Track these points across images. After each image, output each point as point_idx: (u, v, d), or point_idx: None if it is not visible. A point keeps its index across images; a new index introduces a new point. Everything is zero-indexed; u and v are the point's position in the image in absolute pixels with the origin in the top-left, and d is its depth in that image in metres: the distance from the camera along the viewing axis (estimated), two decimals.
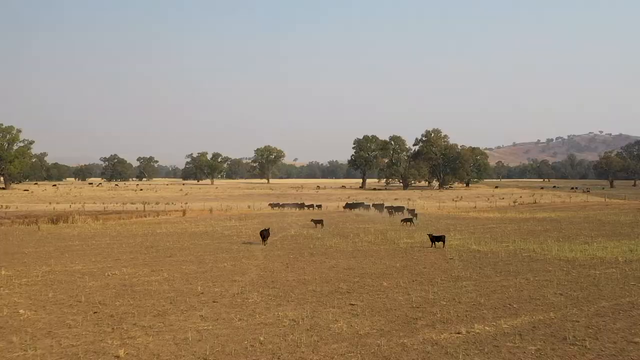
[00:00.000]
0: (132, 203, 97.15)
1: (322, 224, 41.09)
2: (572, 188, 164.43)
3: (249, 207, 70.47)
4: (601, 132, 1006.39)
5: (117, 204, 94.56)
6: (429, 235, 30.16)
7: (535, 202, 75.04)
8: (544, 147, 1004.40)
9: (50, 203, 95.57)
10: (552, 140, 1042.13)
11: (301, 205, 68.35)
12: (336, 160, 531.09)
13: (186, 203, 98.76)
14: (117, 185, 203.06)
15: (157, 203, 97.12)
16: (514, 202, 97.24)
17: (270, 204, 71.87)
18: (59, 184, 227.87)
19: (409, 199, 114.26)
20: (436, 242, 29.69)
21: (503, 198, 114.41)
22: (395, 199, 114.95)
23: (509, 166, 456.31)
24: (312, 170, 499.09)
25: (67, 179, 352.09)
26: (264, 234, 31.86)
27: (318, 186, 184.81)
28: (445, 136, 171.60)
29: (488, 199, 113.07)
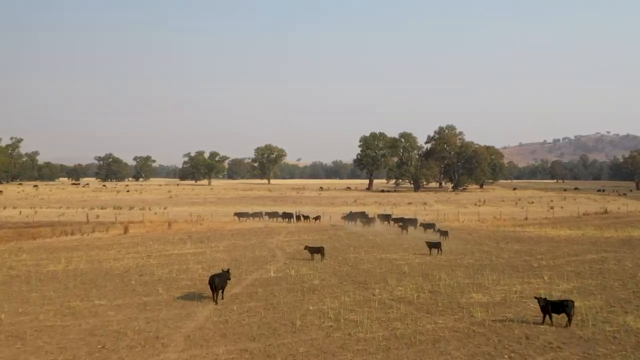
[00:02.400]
0: (101, 208, 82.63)
1: (323, 255, 25.96)
2: (599, 190, 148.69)
3: (234, 215, 55.33)
4: (608, 132, 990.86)
5: (82, 209, 79.95)
6: (540, 300, 14.74)
7: (605, 212, 59.19)
8: (551, 148, 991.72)
9: (5, 208, 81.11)
10: (558, 140, 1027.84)
11: (287, 216, 51.01)
12: (340, 161, 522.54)
13: (165, 208, 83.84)
14: (104, 186, 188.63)
15: (130, 208, 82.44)
16: (551, 207, 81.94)
17: (236, 214, 54.28)
18: (47, 185, 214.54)
19: (424, 204, 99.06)
20: (553, 314, 14.59)
21: (532, 202, 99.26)
22: (409, 203, 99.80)
23: (517, 167, 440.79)
24: (316, 171, 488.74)
25: (61, 179, 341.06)
26: (217, 283, 17.01)
27: (321, 187, 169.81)
28: (460, 133, 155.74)
29: (516, 203, 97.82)
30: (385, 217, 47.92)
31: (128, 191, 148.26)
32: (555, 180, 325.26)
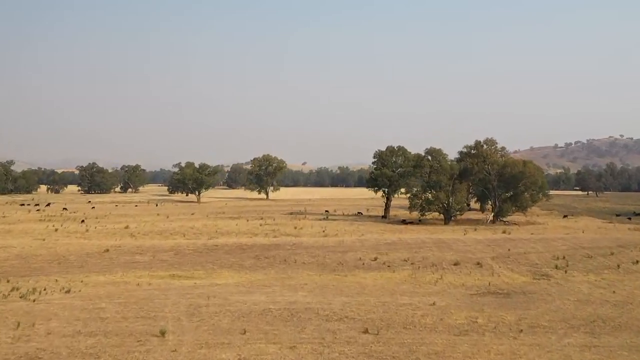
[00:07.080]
0: None
1: None
2: None
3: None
4: (622, 136, 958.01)
5: None
6: None
7: None
8: (563, 152, 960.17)
9: None
10: (570, 144, 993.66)
11: None
12: (346, 167, 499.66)
13: (36, 297, 51.45)
14: (65, 209, 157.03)
15: None
16: None
17: None
18: (7, 202, 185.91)
19: (479, 264, 65.97)
20: None
21: (638, 262, 65.71)
22: (455, 264, 66.79)
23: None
24: (321, 178, 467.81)
25: (40, 187, 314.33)
26: None
27: (326, 211, 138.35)
28: (503, 148, 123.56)
29: (618, 266, 64.26)
30: None
31: (83, 220, 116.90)
32: (586, 193, 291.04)
